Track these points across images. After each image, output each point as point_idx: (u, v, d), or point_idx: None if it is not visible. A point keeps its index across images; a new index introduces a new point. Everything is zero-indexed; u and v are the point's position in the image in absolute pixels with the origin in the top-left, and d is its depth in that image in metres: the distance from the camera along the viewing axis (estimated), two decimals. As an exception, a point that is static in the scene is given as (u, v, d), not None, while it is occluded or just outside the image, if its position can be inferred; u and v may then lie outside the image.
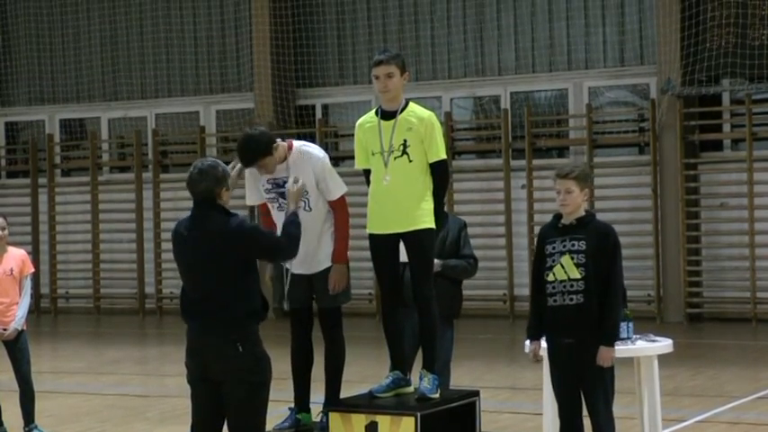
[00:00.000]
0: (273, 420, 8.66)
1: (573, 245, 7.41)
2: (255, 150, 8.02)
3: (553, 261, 7.46)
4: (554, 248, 7.48)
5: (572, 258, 7.37)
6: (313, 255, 8.14)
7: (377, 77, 7.77)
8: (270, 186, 8.21)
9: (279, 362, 8.17)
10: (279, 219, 8.10)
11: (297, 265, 8.22)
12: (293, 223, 7.26)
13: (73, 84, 23.37)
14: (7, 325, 9.77)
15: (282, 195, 8.04)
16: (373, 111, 7.93)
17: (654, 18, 19.09)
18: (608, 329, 7.36)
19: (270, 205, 8.29)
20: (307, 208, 8.06)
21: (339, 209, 8.16)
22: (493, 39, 20.50)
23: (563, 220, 7.52)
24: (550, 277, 7.43)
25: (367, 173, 7.95)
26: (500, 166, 20.05)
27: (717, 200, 19.28)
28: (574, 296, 7.35)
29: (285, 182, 7.93)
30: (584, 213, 7.53)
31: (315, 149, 8.22)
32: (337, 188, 8.14)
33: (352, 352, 8.70)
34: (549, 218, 7.78)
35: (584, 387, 7.38)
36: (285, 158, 8.15)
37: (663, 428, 8.40)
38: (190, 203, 7.12)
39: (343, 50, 21.48)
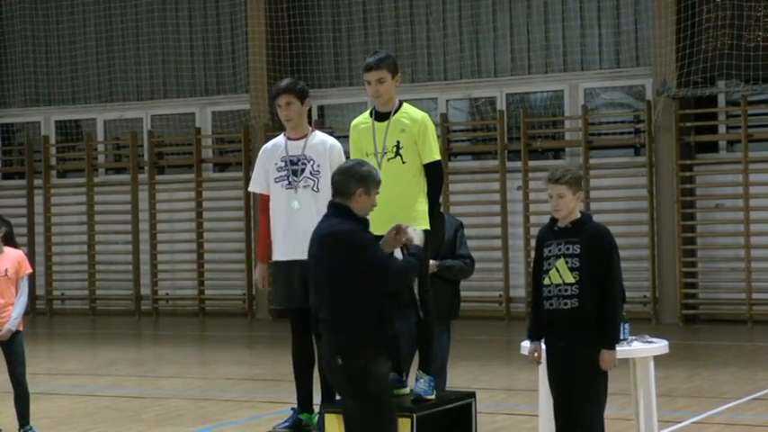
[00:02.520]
0: (276, 420, 8.68)
1: (568, 248, 7.39)
2: (294, 86, 8.28)
3: (549, 264, 7.45)
4: (550, 252, 7.46)
5: (566, 262, 7.36)
6: (304, 239, 8.15)
7: (368, 82, 7.77)
8: (283, 164, 8.26)
9: (279, 363, 8.22)
10: (284, 197, 8.16)
11: (285, 251, 8.22)
12: (419, 256, 6.86)
13: (69, 85, 23.36)
14: (1, 326, 9.74)
15: (294, 173, 8.14)
16: (368, 112, 7.94)
17: (650, 20, 19.10)
18: (609, 332, 7.32)
19: (278, 184, 8.27)
20: (315, 188, 8.15)
21: None
22: (489, 40, 20.51)
23: (558, 224, 7.51)
24: (546, 281, 7.42)
25: (362, 174, 7.94)
26: (496, 167, 20.05)
27: (712, 201, 19.29)
28: (568, 300, 7.34)
29: (299, 160, 8.12)
30: (579, 216, 7.51)
31: (334, 139, 8.38)
32: None
33: (348, 353, 8.69)
34: (544, 219, 7.76)
35: (577, 391, 7.37)
36: (305, 136, 8.25)
37: (659, 429, 8.41)
38: (186, 204, 7.10)
39: (339, 52, 21.49)
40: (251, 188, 8.53)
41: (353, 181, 6.70)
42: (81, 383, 13.90)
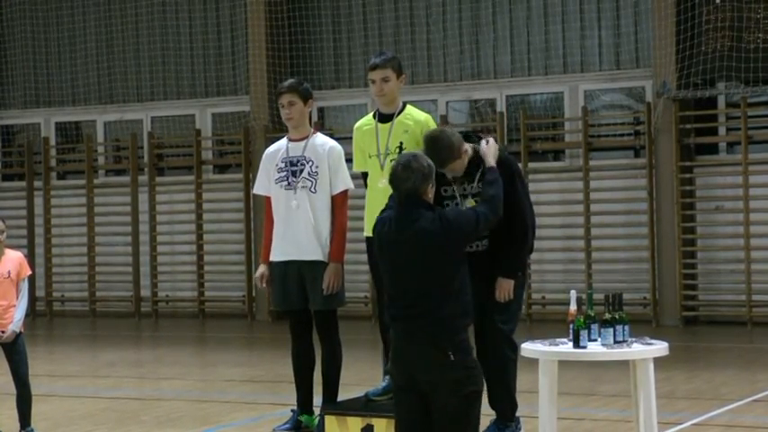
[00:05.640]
0: (276, 422, 8.68)
1: (472, 187, 7.27)
2: (298, 85, 8.55)
3: (456, 205, 7.28)
4: (454, 191, 7.30)
5: (476, 202, 7.20)
6: (301, 239, 8.17)
7: (373, 81, 7.79)
8: (283, 165, 8.30)
9: (279, 364, 8.22)
10: (283, 198, 8.19)
11: (283, 251, 8.25)
12: (493, 183, 6.70)
13: (68, 87, 23.36)
14: (5, 327, 9.75)
15: (293, 174, 8.17)
16: (371, 114, 7.97)
17: (649, 21, 19.11)
18: (511, 261, 7.23)
19: (278, 185, 8.31)
20: (313, 189, 8.17)
21: (338, 206, 8.21)
22: (489, 42, 20.51)
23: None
24: None
25: (365, 176, 7.96)
26: (496, 168, 20.02)
27: (712, 203, 19.29)
28: (479, 242, 7.27)
29: (298, 161, 8.13)
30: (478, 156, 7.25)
31: (334, 141, 8.42)
32: (340, 183, 8.21)
33: (348, 355, 8.70)
34: (545, 220, 7.71)
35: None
36: (306, 137, 8.29)
37: (659, 431, 8.40)
38: (186, 206, 7.09)
39: (339, 53, 21.49)
40: (255, 191, 8.63)
41: (422, 181, 6.42)
42: (81, 385, 13.90)
